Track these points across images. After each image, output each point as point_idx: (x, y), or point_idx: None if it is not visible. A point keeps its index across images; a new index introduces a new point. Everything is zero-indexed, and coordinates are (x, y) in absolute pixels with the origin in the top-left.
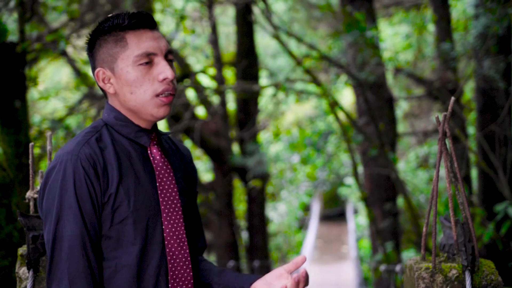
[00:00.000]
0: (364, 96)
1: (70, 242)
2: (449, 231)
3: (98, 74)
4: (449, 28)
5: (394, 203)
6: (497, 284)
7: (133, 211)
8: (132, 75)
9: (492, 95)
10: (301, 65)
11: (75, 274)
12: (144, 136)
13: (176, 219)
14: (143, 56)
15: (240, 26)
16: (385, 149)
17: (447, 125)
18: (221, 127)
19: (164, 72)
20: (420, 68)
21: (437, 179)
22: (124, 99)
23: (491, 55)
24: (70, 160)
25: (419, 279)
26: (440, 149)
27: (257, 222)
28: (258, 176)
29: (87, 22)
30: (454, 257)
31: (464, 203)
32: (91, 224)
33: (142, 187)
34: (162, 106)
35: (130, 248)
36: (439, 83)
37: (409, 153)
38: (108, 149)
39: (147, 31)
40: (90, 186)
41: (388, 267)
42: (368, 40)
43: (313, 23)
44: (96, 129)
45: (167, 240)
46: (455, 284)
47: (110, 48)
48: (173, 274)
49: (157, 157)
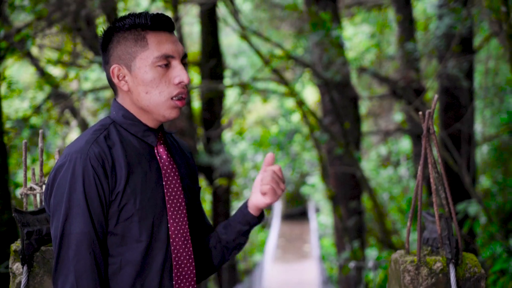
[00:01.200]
0: (329, 95)
1: (77, 239)
2: (432, 225)
3: (113, 70)
4: (412, 28)
5: (359, 201)
6: (480, 276)
7: (139, 209)
8: (149, 75)
9: (456, 94)
10: (269, 64)
11: (81, 270)
12: (151, 135)
13: (181, 217)
14: (162, 58)
15: (205, 25)
16: (350, 148)
17: (431, 121)
18: (186, 126)
19: (180, 76)
20: (383, 67)
21: (421, 175)
22: (138, 98)
23: (455, 55)
24: (79, 158)
25: (404, 272)
26: (425, 146)
27: (222, 221)
28: (224, 175)
29: (53, 21)
30: (438, 251)
31: (447, 198)
32: (99, 221)
33: (148, 185)
34: (175, 108)
35: (135, 245)
36: (403, 82)
37: (371, 152)
38: (116, 147)
39: (166, 33)
40: (99, 184)
41: (357, 264)
42: (334, 39)
43: (276, 23)
44: (104, 127)
45: (171, 238)
46: (439, 277)
47: (129, 46)
48: (177, 271)
49: (163, 156)
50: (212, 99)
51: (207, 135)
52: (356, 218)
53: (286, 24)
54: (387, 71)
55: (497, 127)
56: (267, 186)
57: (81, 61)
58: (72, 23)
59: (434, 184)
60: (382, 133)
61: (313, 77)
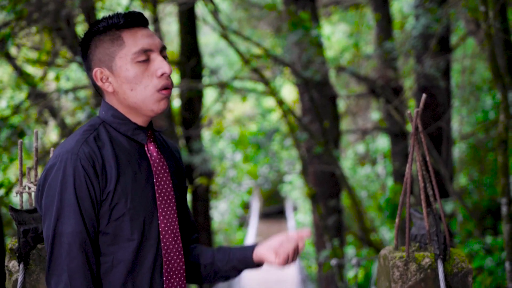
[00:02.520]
0: (309, 94)
1: (69, 239)
2: (420, 222)
3: (96, 74)
4: (389, 27)
5: (338, 199)
6: (468, 271)
7: (130, 208)
8: (131, 72)
9: (433, 93)
10: (249, 63)
11: (74, 269)
12: (141, 133)
13: (171, 214)
14: (141, 53)
15: (184, 25)
16: (330, 147)
17: (419, 120)
18: (166, 126)
19: (162, 68)
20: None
21: (410, 173)
22: (124, 96)
23: (432, 54)
24: (70, 158)
25: (393, 267)
26: (413, 144)
27: (202, 220)
28: (204, 174)
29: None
30: (426, 247)
31: (435, 195)
32: (90, 221)
33: (139, 184)
34: (162, 100)
35: (126, 244)
36: (382, 81)
37: (348, 151)
38: (106, 147)
39: (141, 29)
40: (90, 184)
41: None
42: (313, 39)
43: (253, 22)
44: (94, 127)
45: (162, 235)
46: (428, 272)
47: (107, 48)
48: (168, 268)
49: (154, 154)
50: (192, 98)
51: (187, 134)
52: (335, 217)
53: (264, 23)
54: (365, 70)
55: (473, 125)
56: (285, 251)
57: (60, 60)
58: (52, 22)
59: (423, 181)
60: (360, 132)
61: (292, 76)
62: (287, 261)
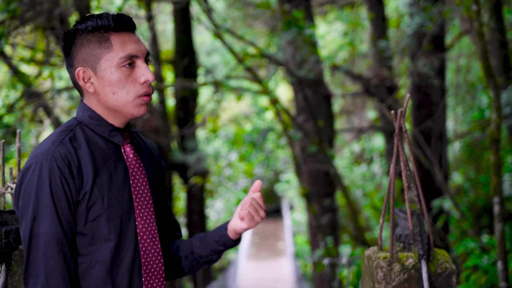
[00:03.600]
0: (303, 93)
1: (46, 240)
2: (404, 222)
3: (78, 73)
4: (384, 26)
5: (332, 198)
6: (452, 271)
7: (106, 209)
8: (115, 76)
9: (427, 92)
10: (242, 62)
11: (51, 270)
12: (118, 135)
13: (148, 215)
14: (127, 58)
15: (178, 23)
16: (324, 146)
17: (403, 120)
18: (160, 125)
19: (145, 75)
20: (356, 65)
21: (393, 173)
22: (105, 98)
23: (426, 53)
24: (45, 160)
25: (377, 268)
26: (397, 144)
27: (196, 219)
28: (198, 173)
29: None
30: (410, 247)
31: (419, 195)
32: (67, 222)
33: (115, 185)
34: (142, 106)
35: (104, 244)
36: (376, 80)
37: (344, 149)
38: (82, 148)
39: (129, 33)
40: (66, 185)
41: (331, 261)
42: (307, 38)
43: (249, 21)
44: (70, 128)
45: (140, 236)
46: (411, 272)
47: (93, 49)
48: (146, 268)
49: (130, 155)
50: (186, 97)
51: (181, 133)
52: (330, 215)
53: (259, 22)
54: (360, 69)
55: (469, 124)
56: (245, 211)
57: (54, 59)
58: (45, 21)
59: (406, 181)
60: (356, 131)
61: (287, 75)
62: (254, 218)
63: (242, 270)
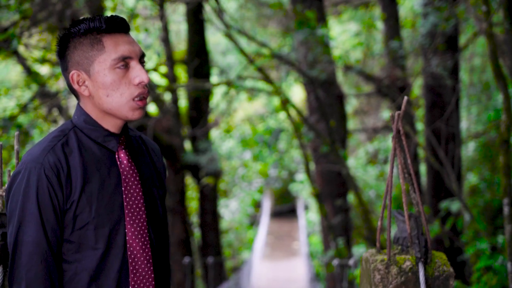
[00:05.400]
0: (315, 93)
1: (29, 248)
2: (402, 224)
3: (73, 76)
4: (397, 26)
5: (345, 199)
6: (449, 274)
7: (94, 217)
8: (109, 78)
9: (440, 92)
10: (253, 63)
11: (32, 279)
12: (112, 140)
13: (140, 222)
14: (120, 59)
15: (191, 24)
16: (336, 146)
17: (400, 123)
18: (173, 125)
19: (140, 76)
20: (370, 65)
21: (391, 175)
22: (100, 101)
23: (439, 53)
24: (34, 168)
25: (374, 270)
26: (394, 147)
27: (209, 219)
28: (210, 173)
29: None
30: (407, 250)
31: (417, 197)
32: (52, 230)
33: (106, 192)
34: (137, 109)
35: (91, 252)
36: (388, 80)
37: (359, 150)
38: (73, 154)
39: (122, 35)
40: (53, 194)
41: (341, 262)
42: (319, 38)
43: (263, 21)
44: (64, 133)
45: (129, 244)
46: (409, 275)
47: (86, 51)
48: (134, 276)
49: (124, 161)
50: (199, 97)
51: (194, 134)
52: (342, 216)
53: (274, 22)
54: (374, 69)
55: (485, 124)
56: None
57: None
58: (57, 22)
59: (404, 184)
60: (370, 131)
61: (299, 76)
62: None
63: (256, 270)
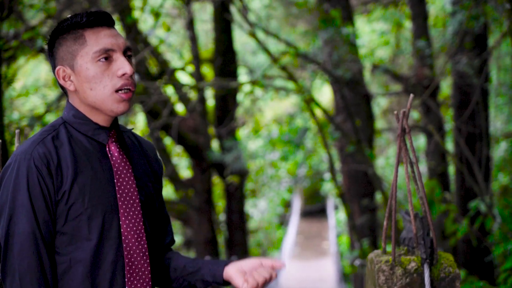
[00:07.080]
0: (341, 93)
1: (21, 239)
2: (409, 225)
3: (58, 72)
4: (425, 25)
5: (371, 199)
6: (455, 276)
7: (87, 208)
8: (91, 71)
9: (468, 92)
10: (277, 62)
11: (25, 270)
12: (102, 133)
13: (135, 214)
14: (102, 52)
15: (218, 23)
16: (362, 145)
17: (406, 121)
18: (199, 124)
19: (122, 68)
20: (398, 64)
21: (396, 175)
22: (84, 95)
23: (467, 52)
24: (23, 159)
25: (379, 271)
26: (399, 146)
27: (236, 218)
28: (236, 172)
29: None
30: (413, 250)
31: (423, 198)
32: (44, 221)
33: (99, 183)
34: (122, 102)
35: (84, 244)
36: (415, 79)
37: (389, 149)
38: (64, 147)
39: (105, 28)
40: (43, 184)
41: (362, 262)
42: (344, 37)
43: (291, 20)
44: (54, 128)
45: (124, 236)
46: (414, 277)
47: (69, 46)
48: (130, 268)
49: (115, 154)
50: (226, 96)
51: (220, 132)
52: (368, 216)
53: (302, 21)
54: (402, 68)
55: None
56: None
57: None
58: None
59: (409, 184)
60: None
61: (325, 75)
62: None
63: (285, 270)
